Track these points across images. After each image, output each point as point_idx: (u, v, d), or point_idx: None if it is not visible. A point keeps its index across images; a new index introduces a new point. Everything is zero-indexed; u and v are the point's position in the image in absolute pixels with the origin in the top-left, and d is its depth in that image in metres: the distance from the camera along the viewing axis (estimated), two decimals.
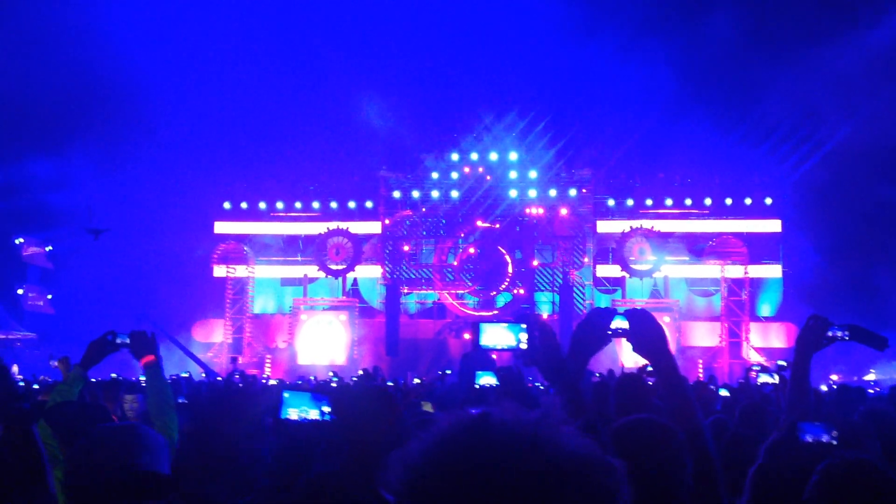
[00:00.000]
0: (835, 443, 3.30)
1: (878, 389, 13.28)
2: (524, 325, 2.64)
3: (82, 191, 27.58)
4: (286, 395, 2.67)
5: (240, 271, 31.39)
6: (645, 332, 2.72)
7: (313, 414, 2.61)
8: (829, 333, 3.73)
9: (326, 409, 2.59)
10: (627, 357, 25.34)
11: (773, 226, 30.12)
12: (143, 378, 4.46)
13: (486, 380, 5.29)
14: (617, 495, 1.09)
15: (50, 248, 31.45)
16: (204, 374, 22.66)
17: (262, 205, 31.36)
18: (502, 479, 1.03)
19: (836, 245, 28.03)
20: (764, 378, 7.90)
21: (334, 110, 28.83)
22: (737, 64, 28.84)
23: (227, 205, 31.45)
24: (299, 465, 2.63)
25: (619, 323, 2.74)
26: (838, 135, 28.32)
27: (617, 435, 2.54)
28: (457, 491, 1.04)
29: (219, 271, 31.38)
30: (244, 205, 31.44)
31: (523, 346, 2.63)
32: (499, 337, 2.68)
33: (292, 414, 2.61)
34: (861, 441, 3.65)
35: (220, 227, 31.70)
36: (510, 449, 1.06)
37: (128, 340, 4.12)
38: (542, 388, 12.35)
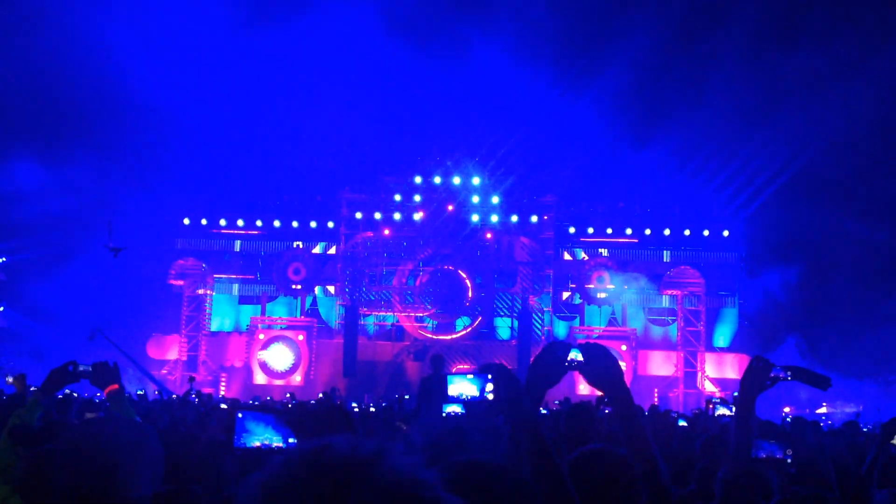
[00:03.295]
0: (789, 460, 3.38)
1: (830, 423, 13.50)
2: (490, 376, 2.67)
3: (38, 201, 27.14)
4: (240, 415, 2.62)
5: (197, 288, 31.05)
6: (600, 366, 2.77)
7: (276, 442, 2.58)
8: (773, 374, 3.81)
9: (292, 439, 2.56)
10: (584, 386, 25.53)
11: (730, 258, 30.62)
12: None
13: (453, 408, 5.32)
14: None
15: (3, 259, 30.86)
16: (158, 392, 22.33)
17: (223, 221, 31.13)
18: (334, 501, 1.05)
19: (791, 278, 28.51)
20: (722, 410, 8.03)
21: (297, 130, 28.78)
22: (696, 94, 29.33)
23: (186, 220, 31.17)
24: None
25: (575, 356, 2.78)
26: (796, 167, 28.89)
27: (573, 465, 2.57)
28: None
29: (176, 287, 31.02)
30: (204, 221, 31.18)
31: (489, 395, 2.67)
32: (464, 388, 2.72)
33: (255, 442, 2.57)
34: (816, 465, 3.73)
35: (179, 243, 31.40)
36: (342, 478, 1.07)
37: (90, 369, 4.12)
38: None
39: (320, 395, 17.80)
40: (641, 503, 2.56)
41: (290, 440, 2.55)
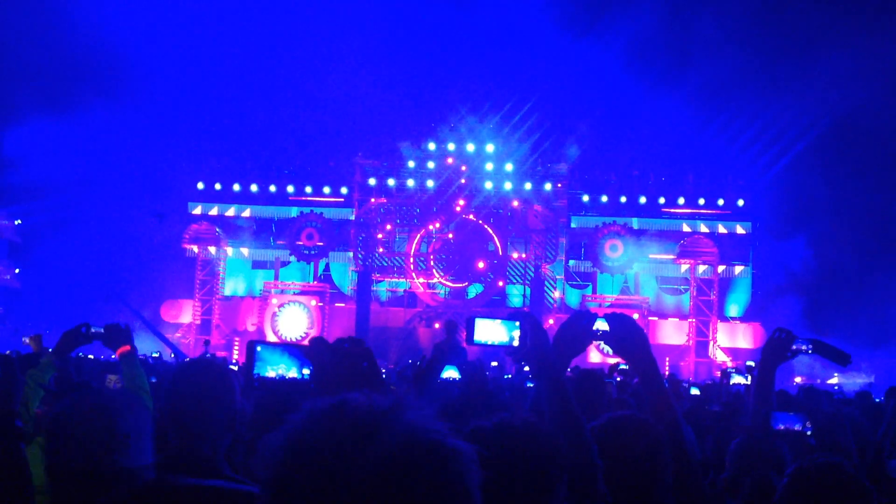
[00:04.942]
0: (808, 432, 3.39)
1: (842, 393, 13.49)
2: (517, 323, 2.66)
3: (53, 165, 27.21)
4: (259, 349, 2.63)
5: (211, 252, 31.19)
6: (626, 336, 2.80)
7: (292, 373, 2.59)
8: (794, 347, 3.82)
9: (306, 370, 2.57)
10: (595, 354, 25.57)
11: (744, 227, 30.52)
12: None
13: (450, 373, 5.32)
14: (465, 477, 1.13)
15: (19, 221, 31.02)
16: (173, 356, 22.51)
17: (237, 187, 31.15)
18: (351, 461, 1.08)
19: (806, 248, 28.39)
20: (737, 378, 8.05)
21: (311, 95, 28.66)
22: (716, 63, 29.03)
23: (200, 185, 31.22)
24: (279, 419, 2.60)
25: (601, 325, 2.80)
26: (810, 137, 28.66)
27: (600, 432, 2.60)
28: (310, 472, 1.09)
29: (190, 252, 31.16)
30: (218, 186, 31.22)
31: (515, 343, 2.66)
32: (493, 333, 2.69)
33: (270, 372, 2.59)
34: (835, 434, 3.73)
35: (193, 208, 31.51)
36: (360, 432, 1.10)
37: (102, 331, 4.15)
38: (508, 378, 12.43)
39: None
40: (667, 469, 2.58)
41: (305, 371, 2.57)
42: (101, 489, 2.19)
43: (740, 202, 30.29)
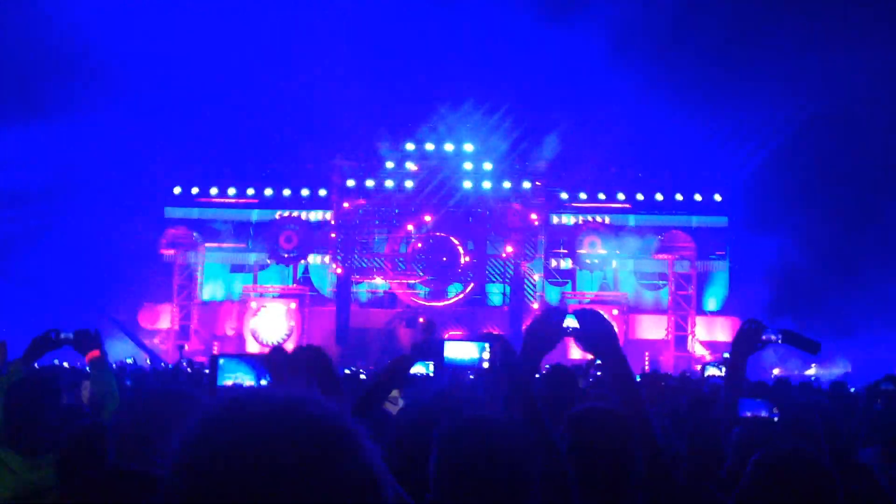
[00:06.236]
0: (776, 419, 3.42)
1: (818, 384, 13.63)
2: (487, 344, 2.67)
3: (27, 172, 26.95)
4: (221, 361, 2.64)
5: (188, 257, 31.02)
6: (595, 331, 2.81)
7: (248, 381, 2.60)
8: (764, 337, 3.85)
9: (264, 381, 2.58)
10: (576, 351, 25.65)
11: (721, 222, 30.73)
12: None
13: (419, 369, 5.35)
14: (362, 453, 1.16)
15: None
16: (149, 361, 22.37)
17: (214, 190, 31.01)
18: (256, 449, 1.11)
19: (782, 242, 28.60)
20: (711, 370, 8.11)
21: (288, 97, 28.58)
22: (693, 60, 29.19)
23: (177, 189, 31.06)
24: None
25: (571, 322, 2.82)
26: (787, 132, 28.90)
27: (572, 421, 2.61)
28: (214, 462, 1.11)
29: (167, 256, 30.97)
30: (195, 190, 31.08)
31: (485, 365, 2.67)
32: (463, 352, 2.71)
33: (227, 381, 2.59)
34: (802, 422, 3.76)
35: (170, 212, 31.32)
36: (260, 425, 1.13)
37: (71, 337, 4.12)
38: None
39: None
40: (639, 458, 2.60)
41: (263, 381, 2.58)
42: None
43: (717, 197, 30.52)
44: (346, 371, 13.68)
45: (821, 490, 2.58)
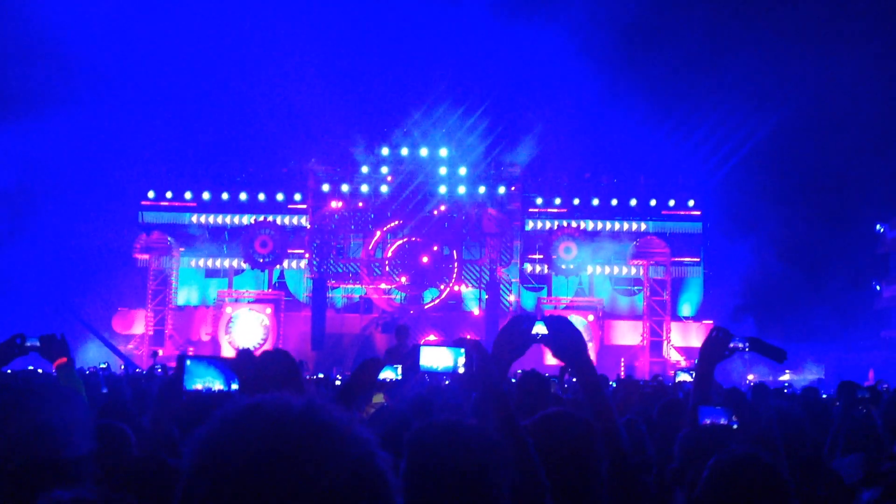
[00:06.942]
0: (734, 426, 3.47)
1: (790, 390, 13.75)
2: (462, 350, 2.68)
3: None
4: (189, 363, 2.64)
5: (163, 262, 30.79)
6: (564, 338, 2.84)
7: (218, 385, 2.60)
8: (731, 345, 3.89)
9: (234, 384, 2.58)
10: (551, 358, 25.74)
11: (695, 227, 30.95)
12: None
13: (388, 374, 5.37)
14: (376, 460, 1.20)
15: None
16: (123, 367, 22.18)
17: (188, 195, 30.84)
18: (267, 456, 1.14)
19: (756, 247, 28.88)
20: (683, 376, 8.15)
21: (263, 102, 28.50)
22: (666, 65, 29.45)
23: (151, 194, 30.86)
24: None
25: (539, 329, 2.84)
26: (759, 137, 29.20)
27: (536, 427, 2.63)
28: (230, 467, 1.15)
29: (142, 261, 30.73)
30: (169, 194, 30.88)
31: (461, 370, 2.68)
32: (438, 358, 2.71)
33: (197, 384, 2.59)
34: (760, 427, 3.80)
35: (144, 216, 31.10)
36: (275, 435, 1.16)
37: (38, 343, 4.03)
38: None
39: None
40: (602, 464, 2.63)
41: (233, 384, 2.58)
42: (34, 482, 2.16)
43: (691, 203, 30.75)
44: (320, 375, 13.65)
45: (773, 494, 2.63)
